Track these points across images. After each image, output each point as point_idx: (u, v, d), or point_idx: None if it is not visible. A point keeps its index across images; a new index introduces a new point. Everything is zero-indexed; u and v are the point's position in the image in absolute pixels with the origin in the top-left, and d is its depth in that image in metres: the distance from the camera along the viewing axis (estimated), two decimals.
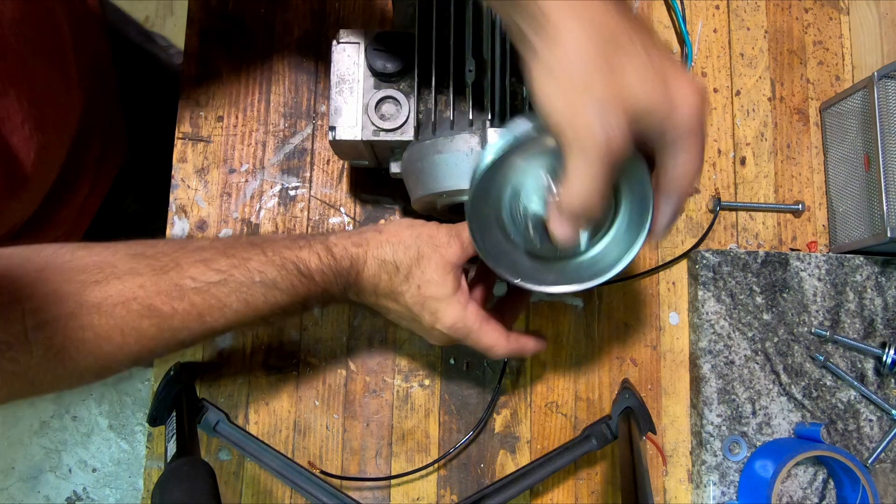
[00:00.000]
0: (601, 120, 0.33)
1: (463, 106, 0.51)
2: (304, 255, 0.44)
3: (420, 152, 0.50)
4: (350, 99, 0.52)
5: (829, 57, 0.70)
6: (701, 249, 0.63)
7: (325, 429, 0.60)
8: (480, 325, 0.47)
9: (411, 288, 0.46)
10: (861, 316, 0.63)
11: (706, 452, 0.60)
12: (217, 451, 0.60)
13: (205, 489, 0.41)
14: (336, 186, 0.64)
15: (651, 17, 0.69)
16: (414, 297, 0.46)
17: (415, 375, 0.61)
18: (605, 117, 0.33)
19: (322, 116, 0.64)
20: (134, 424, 1.55)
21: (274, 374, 0.61)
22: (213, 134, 0.64)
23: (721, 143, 0.67)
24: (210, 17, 0.66)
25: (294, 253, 0.44)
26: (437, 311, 0.46)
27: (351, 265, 0.45)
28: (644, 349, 0.63)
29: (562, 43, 0.33)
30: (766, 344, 0.62)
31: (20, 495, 1.51)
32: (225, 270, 0.41)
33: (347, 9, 0.67)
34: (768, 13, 0.70)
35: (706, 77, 0.68)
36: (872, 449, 0.61)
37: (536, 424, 0.61)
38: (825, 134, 0.68)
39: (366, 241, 0.46)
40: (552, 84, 0.34)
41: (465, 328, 0.46)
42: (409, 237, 0.46)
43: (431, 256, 0.45)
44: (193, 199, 0.63)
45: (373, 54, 0.51)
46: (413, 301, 0.46)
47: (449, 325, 0.46)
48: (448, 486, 0.60)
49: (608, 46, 0.32)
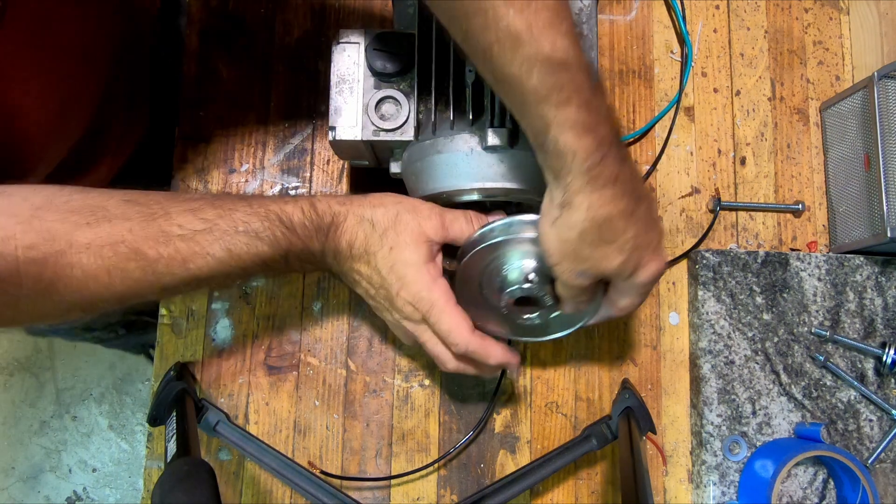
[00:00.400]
0: (572, 275, 0.45)
1: (463, 106, 0.51)
2: (287, 208, 0.45)
3: (420, 152, 0.50)
4: (350, 99, 0.52)
5: (829, 57, 0.70)
6: (701, 249, 0.63)
7: (325, 429, 0.60)
8: (446, 302, 0.47)
9: (384, 248, 0.47)
10: (861, 316, 0.63)
11: (706, 452, 0.60)
12: (217, 451, 0.60)
13: (205, 489, 0.41)
14: (336, 186, 0.64)
15: (651, 17, 0.69)
16: (385, 258, 0.47)
17: (415, 375, 0.61)
18: (575, 275, 0.45)
19: (322, 116, 0.64)
20: (134, 424, 1.55)
21: (274, 374, 0.61)
22: (213, 134, 0.64)
23: (721, 143, 0.67)
24: (210, 17, 0.66)
25: (278, 206, 0.45)
26: (404, 276, 0.47)
27: (332, 221, 0.46)
28: (644, 349, 0.63)
29: (571, 215, 0.42)
30: (766, 344, 0.62)
31: (20, 495, 1.51)
32: (211, 220, 0.43)
33: (347, 9, 0.67)
34: (768, 13, 0.70)
35: (706, 77, 0.68)
36: (872, 449, 0.61)
37: (536, 424, 0.61)
38: (825, 134, 0.68)
39: (349, 201, 0.48)
40: (553, 233, 0.43)
41: (430, 300, 0.47)
42: (392, 202, 0.48)
43: (409, 222, 0.47)
44: None
45: (373, 54, 0.51)
46: (383, 262, 0.47)
47: (414, 292, 0.47)
48: (448, 486, 0.60)
49: (602, 229, 0.42)
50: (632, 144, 0.67)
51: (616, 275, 0.45)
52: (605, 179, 0.40)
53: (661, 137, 0.67)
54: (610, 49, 0.68)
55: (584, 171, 0.40)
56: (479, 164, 0.48)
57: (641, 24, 0.69)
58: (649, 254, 0.44)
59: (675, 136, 0.67)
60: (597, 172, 0.40)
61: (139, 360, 1.57)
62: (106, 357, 1.57)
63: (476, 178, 0.48)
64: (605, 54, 0.68)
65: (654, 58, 0.68)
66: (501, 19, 0.37)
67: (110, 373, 1.57)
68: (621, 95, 0.67)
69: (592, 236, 0.42)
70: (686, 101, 0.68)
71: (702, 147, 0.67)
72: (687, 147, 0.67)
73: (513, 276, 0.48)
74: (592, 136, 0.39)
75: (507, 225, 0.48)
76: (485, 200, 0.52)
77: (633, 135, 0.66)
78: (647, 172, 0.66)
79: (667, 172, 0.66)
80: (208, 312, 0.61)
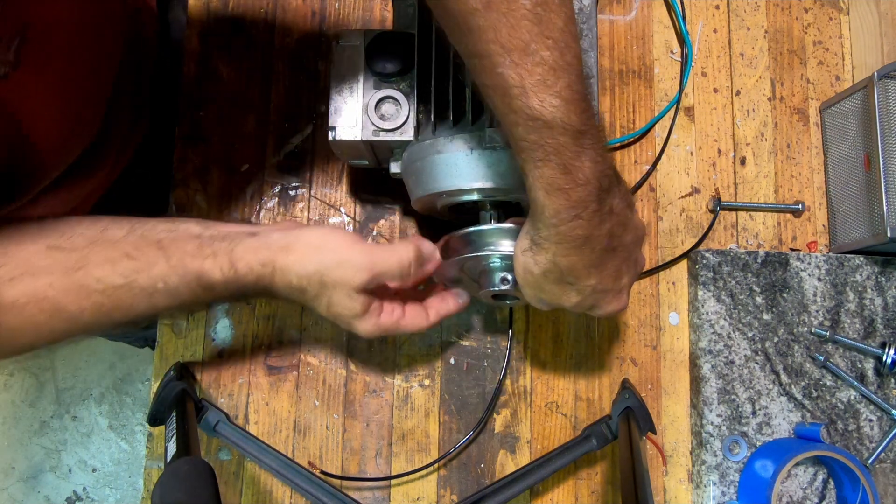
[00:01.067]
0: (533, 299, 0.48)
1: (463, 106, 0.51)
2: (207, 266, 0.44)
3: (420, 152, 0.50)
4: (350, 99, 0.52)
5: (829, 57, 0.70)
6: (701, 249, 0.63)
7: (325, 429, 0.60)
8: (396, 323, 0.50)
9: (321, 306, 0.47)
10: (861, 316, 0.63)
11: (706, 452, 0.60)
12: (217, 451, 0.60)
13: (205, 489, 0.41)
14: (336, 186, 0.64)
15: (651, 17, 0.69)
16: (326, 313, 0.48)
17: (415, 375, 0.61)
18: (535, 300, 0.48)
19: (322, 116, 0.64)
20: (134, 424, 1.55)
21: (274, 374, 0.61)
22: (213, 134, 0.64)
23: (721, 143, 0.67)
24: (210, 17, 0.66)
25: (198, 263, 0.44)
26: (350, 325, 0.48)
27: (257, 281, 0.46)
28: (644, 349, 0.63)
29: (538, 253, 0.44)
30: (766, 344, 0.62)
31: (20, 495, 1.51)
32: (128, 275, 0.43)
33: (347, 9, 0.67)
34: (768, 13, 0.70)
35: (706, 77, 0.68)
36: (872, 449, 0.61)
37: (536, 424, 0.61)
38: (825, 134, 0.68)
39: (272, 261, 0.45)
40: (521, 261, 0.46)
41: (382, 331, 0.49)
42: (314, 263, 0.46)
43: (336, 284, 0.46)
44: (193, 199, 0.63)
45: (373, 54, 0.51)
46: (326, 314, 0.48)
47: (365, 334, 0.49)
48: (448, 486, 0.60)
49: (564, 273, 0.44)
50: (632, 144, 0.67)
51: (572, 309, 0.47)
52: (574, 238, 0.42)
53: (661, 137, 0.67)
54: (610, 49, 0.68)
55: (553, 226, 0.41)
56: (479, 164, 0.48)
57: (641, 24, 0.69)
58: (610, 298, 0.47)
59: (675, 136, 0.67)
60: (565, 230, 0.41)
61: (139, 360, 1.57)
62: (106, 357, 1.57)
63: (476, 178, 0.48)
64: (605, 54, 0.68)
65: (654, 58, 0.68)
66: (497, 67, 0.37)
67: (110, 373, 1.57)
68: (621, 95, 0.67)
69: (555, 276, 0.44)
70: (686, 101, 0.68)
71: (702, 147, 0.67)
72: (687, 147, 0.67)
73: (490, 278, 0.51)
74: (564, 198, 0.40)
75: (488, 235, 0.50)
76: (485, 200, 0.52)
77: (633, 135, 0.66)
78: (647, 172, 0.66)
79: (667, 172, 0.66)
80: (208, 312, 0.61)
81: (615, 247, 0.44)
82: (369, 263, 0.46)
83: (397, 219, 0.64)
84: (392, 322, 0.50)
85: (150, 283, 0.43)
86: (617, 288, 0.46)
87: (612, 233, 0.43)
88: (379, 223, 0.64)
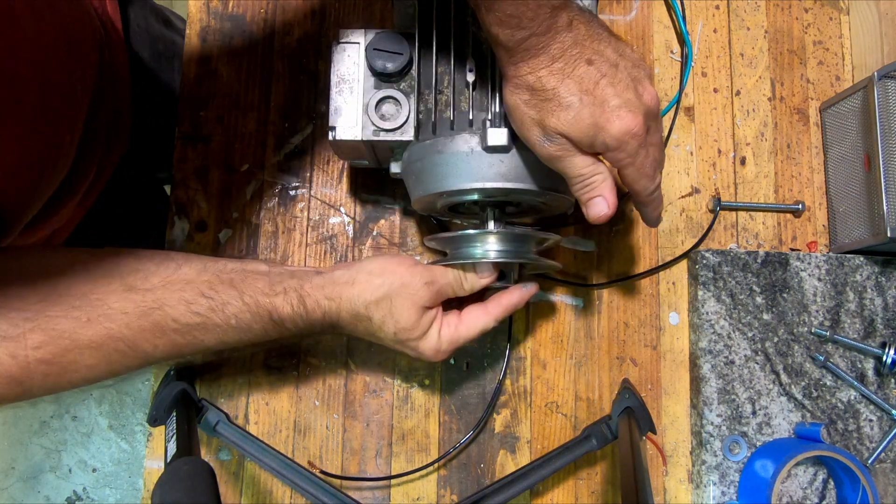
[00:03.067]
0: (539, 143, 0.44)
1: (463, 106, 0.51)
2: (278, 302, 0.48)
3: (420, 152, 0.50)
4: (350, 99, 0.52)
5: (829, 57, 0.70)
6: (701, 249, 0.63)
7: (325, 429, 0.60)
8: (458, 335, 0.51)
9: (388, 333, 0.50)
10: (861, 316, 0.63)
11: (706, 452, 0.60)
12: (217, 451, 0.60)
13: (205, 489, 0.41)
14: (336, 186, 0.64)
15: (651, 17, 0.69)
16: (392, 339, 0.51)
17: (415, 375, 0.61)
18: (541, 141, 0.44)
19: (322, 116, 0.64)
20: (134, 424, 1.55)
21: (274, 374, 0.61)
22: (213, 134, 0.64)
23: (721, 143, 0.67)
24: (210, 17, 0.66)
25: (269, 300, 0.48)
26: (416, 347, 0.51)
27: (323, 316, 0.49)
28: (644, 349, 0.63)
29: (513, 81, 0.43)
30: (766, 344, 0.62)
31: (20, 495, 1.51)
32: (204, 314, 0.46)
33: (347, 9, 0.67)
34: (768, 13, 0.70)
35: (706, 77, 0.68)
36: (872, 449, 0.61)
37: (536, 424, 0.61)
38: (825, 134, 0.68)
39: (338, 295, 0.49)
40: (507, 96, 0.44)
41: (449, 349, 0.52)
42: (381, 287, 0.49)
43: (403, 304, 0.49)
44: (193, 199, 0.63)
45: (373, 54, 0.51)
46: (392, 341, 0.51)
47: (431, 356, 0.51)
48: (448, 486, 0.60)
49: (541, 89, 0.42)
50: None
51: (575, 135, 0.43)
52: (532, 52, 0.41)
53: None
54: None
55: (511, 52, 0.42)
56: (479, 164, 0.48)
57: (641, 24, 0.69)
58: (608, 113, 0.42)
59: (675, 136, 0.67)
60: (521, 50, 0.41)
61: None
62: None
63: (476, 178, 0.48)
64: None
65: (654, 58, 0.68)
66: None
67: None
68: None
69: (534, 99, 0.43)
70: (686, 101, 0.68)
71: (702, 147, 0.67)
72: (687, 147, 0.67)
73: None
74: (516, 23, 0.40)
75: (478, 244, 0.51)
76: (485, 200, 0.52)
77: None
78: None
79: (667, 172, 0.66)
80: None
81: (589, 58, 0.42)
82: (430, 279, 0.50)
83: (397, 219, 0.64)
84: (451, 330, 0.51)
85: (224, 321, 0.46)
86: (613, 101, 0.42)
87: (578, 42, 0.42)
88: (379, 223, 0.64)
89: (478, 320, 0.52)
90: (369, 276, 0.50)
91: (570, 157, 0.44)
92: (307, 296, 0.48)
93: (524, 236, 0.52)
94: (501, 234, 0.51)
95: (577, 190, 0.46)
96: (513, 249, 0.51)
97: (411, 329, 0.50)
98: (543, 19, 0.40)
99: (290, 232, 0.63)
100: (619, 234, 0.65)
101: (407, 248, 0.63)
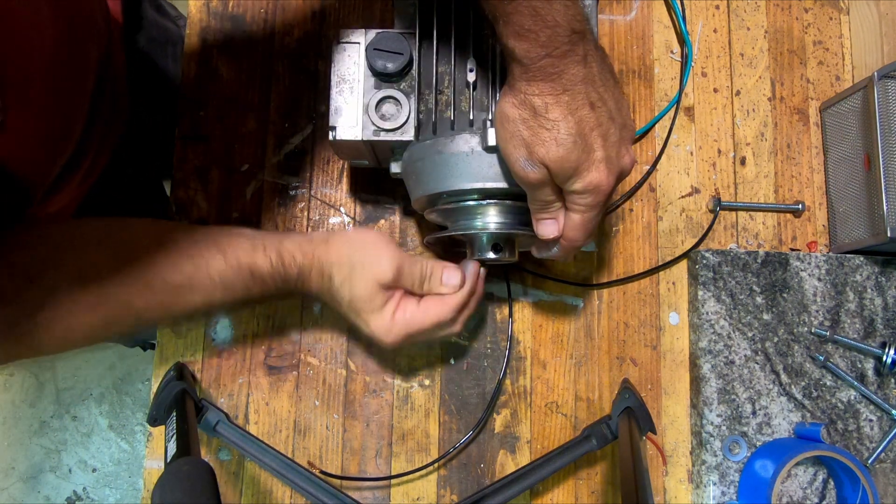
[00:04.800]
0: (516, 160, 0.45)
1: (463, 106, 0.51)
2: (258, 259, 0.50)
3: (420, 152, 0.50)
4: (350, 99, 0.52)
5: (829, 57, 0.70)
6: (701, 249, 0.63)
7: (325, 429, 0.60)
8: (412, 320, 0.52)
9: (343, 297, 0.52)
10: (861, 316, 0.63)
11: (706, 452, 0.60)
12: (217, 451, 0.60)
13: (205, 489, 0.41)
14: (336, 186, 0.64)
15: (651, 17, 0.69)
16: (347, 307, 0.52)
17: (415, 375, 0.61)
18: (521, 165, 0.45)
19: (322, 116, 0.64)
20: (134, 424, 1.55)
21: (274, 374, 0.61)
22: (213, 134, 0.64)
23: (721, 143, 0.67)
24: (210, 17, 0.66)
25: (250, 257, 0.50)
26: (368, 321, 0.52)
27: (298, 273, 0.51)
28: (644, 349, 0.63)
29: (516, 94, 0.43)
30: (766, 344, 0.62)
31: (20, 495, 1.51)
32: (189, 274, 0.48)
33: (347, 9, 0.67)
34: (768, 13, 0.70)
35: (706, 77, 0.68)
36: (872, 449, 0.61)
37: (536, 424, 0.61)
38: (825, 134, 0.68)
39: (311, 252, 0.51)
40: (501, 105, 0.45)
41: (401, 332, 0.52)
42: (347, 254, 0.51)
43: (363, 275, 0.51)
44: (193, 199, 0.63)
45: (373, 54, 0.51)
46: (347, 309, 0.52)
47: (381, 334, 0.52)
48: (448, 486, 0.60)
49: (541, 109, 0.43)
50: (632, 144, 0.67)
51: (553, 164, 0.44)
52: (545, 74, 0.42)
53: (661, 137, 0.67)
54: (610, 49, 0.68)
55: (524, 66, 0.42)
56: (479, 164, 0.48)
57: (641, 24, 0.69)
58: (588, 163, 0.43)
59: (675, 136, 0.67)
60: (535, 68, 0.42)
61: (139, 360, 1.57)
62: (106, 357, 1.57)
63: (476, 178, 0.48)
64: None
65: (654, 58, 0.68)
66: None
67: (110, 373, 1.57)
68: None
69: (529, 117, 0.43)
70: (686, 101, 0.68)
71: (702, 147, 0.67)
72: (687, 147, 0.67)
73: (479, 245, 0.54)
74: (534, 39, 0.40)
75: None
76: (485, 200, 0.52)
77: None
78: (648, 172, 0.66)
79: (667, 172, 0.66)
80: None
81: (593, 102, 0.43)
82: (399, 263, 0.51)
83: (397, 219, 0.64)
84: (406, 315, 0.52)
85: (207, 279, 0.49)
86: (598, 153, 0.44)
87: (589, 80, 0.43)
88: (379, 223, 0.64)
89: (434, 308, 0.52)
90: (343, 240, 0.52)
91: (542, 186, 0.45)
92: (285, 251, 0.50)
93: (524, 209, 0.51)
94: (501, 206, 0.51)
95: (536, 210, 0.48)
96: (510, 222, 0.51)
97: (365, 301, 0.51)
98: (561, 42, 0.41)
99: (290, 232, 0.63)
100: (619, 234, 0.65)
101: (407, 248, 0.63)
